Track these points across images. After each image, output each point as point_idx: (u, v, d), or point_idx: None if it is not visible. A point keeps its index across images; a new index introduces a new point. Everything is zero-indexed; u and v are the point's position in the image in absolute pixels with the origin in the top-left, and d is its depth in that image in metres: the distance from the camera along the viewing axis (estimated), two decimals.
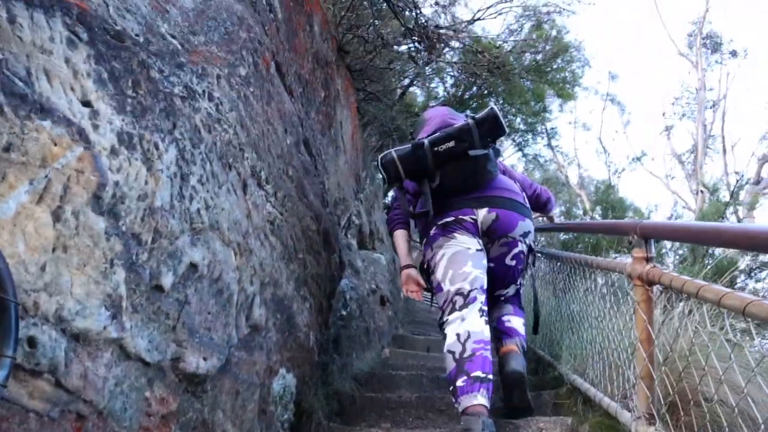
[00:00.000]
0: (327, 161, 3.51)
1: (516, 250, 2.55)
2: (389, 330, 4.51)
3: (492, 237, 2.52)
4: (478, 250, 2.47)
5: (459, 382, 2.16)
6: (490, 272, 2.52)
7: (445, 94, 8.46)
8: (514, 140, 9.04)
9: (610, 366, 2.23)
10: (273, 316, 2.12)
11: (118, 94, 1.44)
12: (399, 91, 6.92)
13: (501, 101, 8.70)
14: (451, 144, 2.44)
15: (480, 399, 2.10)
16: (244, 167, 1.97)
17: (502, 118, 2.53)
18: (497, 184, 2.58)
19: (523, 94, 7.82)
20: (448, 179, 2.49)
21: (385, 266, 4.82)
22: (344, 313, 3.24)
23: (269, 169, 2.19)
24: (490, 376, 2.19)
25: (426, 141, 2.47)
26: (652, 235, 1.92)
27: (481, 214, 2.49)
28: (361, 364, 3.35)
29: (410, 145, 2.52)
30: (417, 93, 8.87)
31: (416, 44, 4.91)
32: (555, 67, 8.35)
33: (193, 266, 1.66)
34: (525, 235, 2.56)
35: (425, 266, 2.64)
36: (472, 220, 2.49)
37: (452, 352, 2.24)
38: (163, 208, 1.53)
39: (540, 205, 3.13)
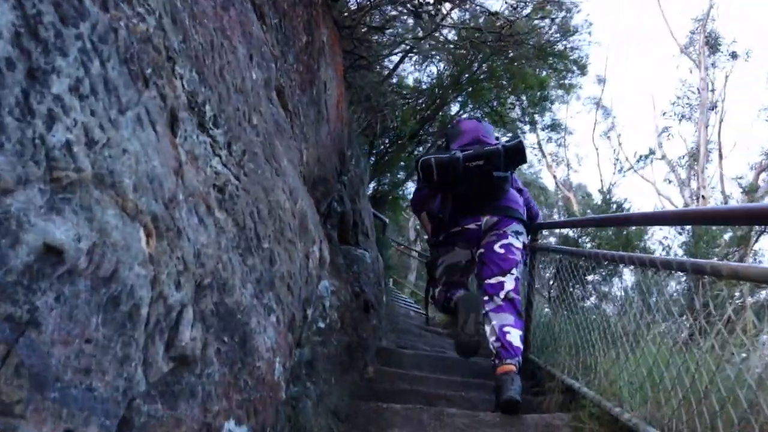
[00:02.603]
0: (306, 126, 2.71)
1: (505, 241, 2.94)
2: (373, 343, 3.72)
3: (488, 231, 3.00)
4: (467, 262, 3.13)
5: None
6: (480, 258, 2.99)
7: (440, 74, 7.65)
8: (507, 132, 8.30)
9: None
10: (216, 339, 1.32)
11: None
12: (392, 65, 6.16)
13: (498, 88, 7.90)
14: (481, 162, 2.86)
15: None
16: (173, 88, 1.17)
17: (526, 150, 3.06)
18: (507, 197, 3.06)
19: (526, 79, 7.04)
20: (470, 190, 2.94)
21: (369, 265, 4.02)
22: (323, 325, 2.45)
23: (220, 104, 1.39)
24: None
25: (461, 156, 2.90)
26: None
27: (485, 218, 3.00)
28: (341, 392, 2.56)
29: (448, 155, 2.94)
30: (409, 70, 8.13)
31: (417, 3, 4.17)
32: (559, 51, 7.61)
33: (52, 251, 0.85)
34: (516, 232, 2.98)
35: (429, 261, 3.31)
36: (476, 226, 3.02)
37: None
38: None
39: (530, 216, 3.57)
